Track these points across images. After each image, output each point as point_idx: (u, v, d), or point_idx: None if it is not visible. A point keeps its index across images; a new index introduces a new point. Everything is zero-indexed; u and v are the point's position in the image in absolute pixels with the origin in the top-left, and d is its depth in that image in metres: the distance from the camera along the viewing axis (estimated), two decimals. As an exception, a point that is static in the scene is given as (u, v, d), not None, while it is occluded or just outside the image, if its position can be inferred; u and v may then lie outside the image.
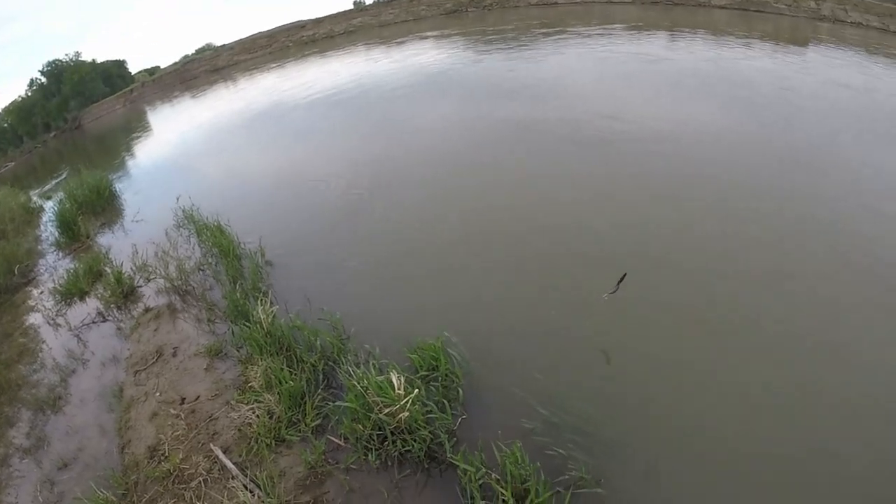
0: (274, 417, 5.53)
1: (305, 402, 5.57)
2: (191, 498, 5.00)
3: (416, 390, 4.86)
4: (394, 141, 13.70)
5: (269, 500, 4.64)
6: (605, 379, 5.57)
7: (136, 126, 32.30)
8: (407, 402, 4.72)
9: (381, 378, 4.99)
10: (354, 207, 10.24)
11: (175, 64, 54.81)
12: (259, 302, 6.88)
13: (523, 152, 11.27)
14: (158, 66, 59.90)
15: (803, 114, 12.08)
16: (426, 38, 30.14)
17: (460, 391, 5.37)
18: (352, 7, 46.44)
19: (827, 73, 16.04)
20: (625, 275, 5.81)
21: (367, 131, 15.22)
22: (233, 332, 6.98)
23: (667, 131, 11.32)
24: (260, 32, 50.20)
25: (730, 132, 11.18)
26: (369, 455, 4.92)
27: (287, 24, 48.29)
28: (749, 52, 19.04)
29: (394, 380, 4.87)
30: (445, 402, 5.11)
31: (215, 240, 9.18)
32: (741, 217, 7.98)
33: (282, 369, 5.82)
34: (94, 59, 51.07)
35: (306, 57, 31.84)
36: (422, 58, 24.47)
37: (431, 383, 5.38)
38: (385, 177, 11.39)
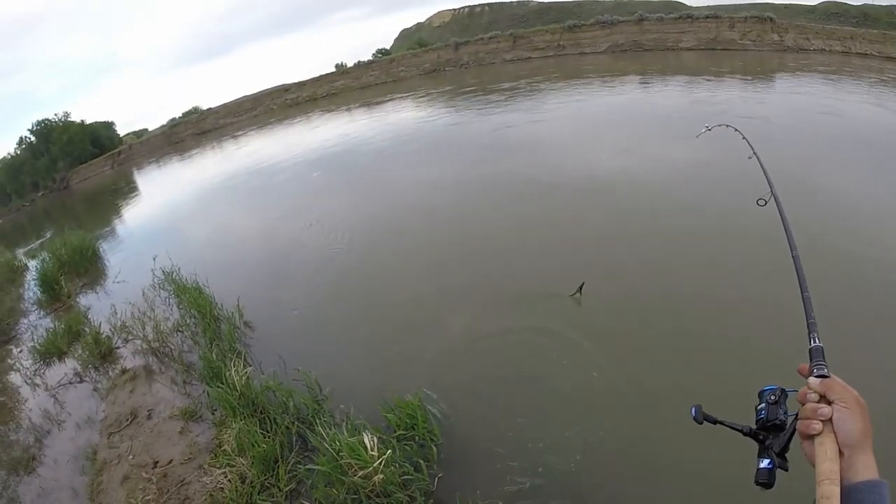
0: (246, 482, 5.35)
1: (279, 466, 5.41)
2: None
3: (389, 451, 4.74)
4: (375, 199, 13.94)
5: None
6: (592, 431, 5.45)
7: (123, 187, 32.57)
8: (380, 463, 4.60)
9: (353, 439, 4.87)
10: (333, 265, 10.37)
11: (162, 126, 55.79)
12: (233, 363, 6.78)
13: (500, 205, 11.57)
14: (146, 129, 60.92)
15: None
16: (405, 97, 30.92)
17: (435, 449, 5.24)
18: (334, 70, 47.56)
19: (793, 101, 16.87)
20: (582, 283, 7.11)
21: (348, 190, 15.54)
22: (208, 394, 6.86)
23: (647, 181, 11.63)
24: (245, 96, 51.58)
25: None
26: (346, 522, 4.76)
27: (271, 88, 49.54)
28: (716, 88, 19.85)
29: (366, 441, 4.76)
30: (421, 461, 4.99)
31: (193, 301, 9.13)
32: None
33: (255, 432, 5.68)
34: (82, 120, 51.81)
35: (290, 119, 32.52)
36: (401, 115, 25.10)
37: (407, 443, 5.27)
38: (364, 235, 11.56)
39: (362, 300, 8.86)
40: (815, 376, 1.36)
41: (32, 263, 17.07)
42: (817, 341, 1.52)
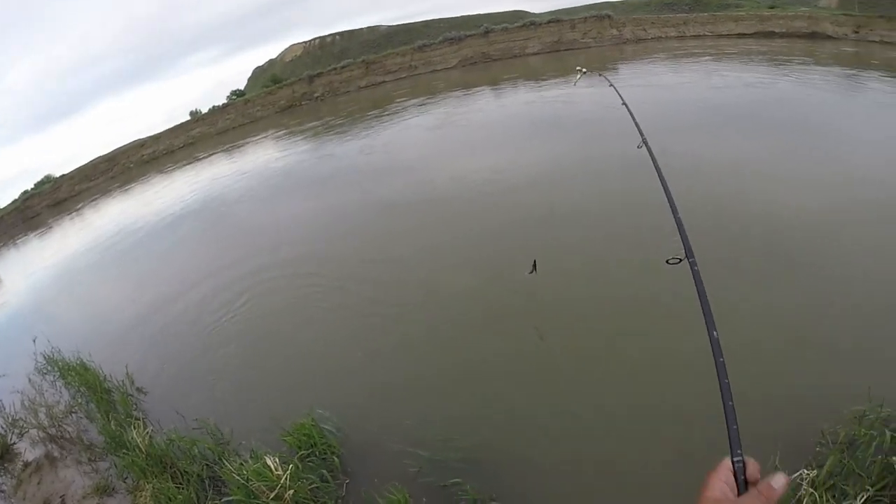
0: (173, 538, 5.68)
1: (198, 513, 5.78)
2: None
3: (291, 466, 5.30)
4: (244, 246, 14.20)
5: None
6: (476, 408, 6.42)
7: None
8: (286, 480, 5.14)
9: (258, 465, 5.38)
10: (208, 314, 10.73)
11: (14, 202, 51.13)
12: (133, 427, 6.98)
13: (369, 227, 12.68)
14: (-5, 207, 55.67)
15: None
16: (265, 138, 30.75)
17: (336, 459, 5.87)
18: (188, 118, 46.14)
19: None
20: (535, 261, 7.47)
21: (212, 243, 15.64)
22: (115, 465, 6.97)
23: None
24: (99, 156, 48.19)
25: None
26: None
27: (126, 145, 46.79)
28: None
29: (270, 463, 5.28)
30: (326, 472, 5.60)
31: (81, 378, 9.01)
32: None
33: (168, 487, 5.93)
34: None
35: (149, 177, 31.13)
36: (263, 158, 25.05)
37: (310, 459, 5.83)
38: (240, 279, 11.92)
39: (245, 342, 9.37)
40: None
41: None
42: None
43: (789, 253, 8.25)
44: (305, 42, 62.07)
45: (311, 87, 42.37)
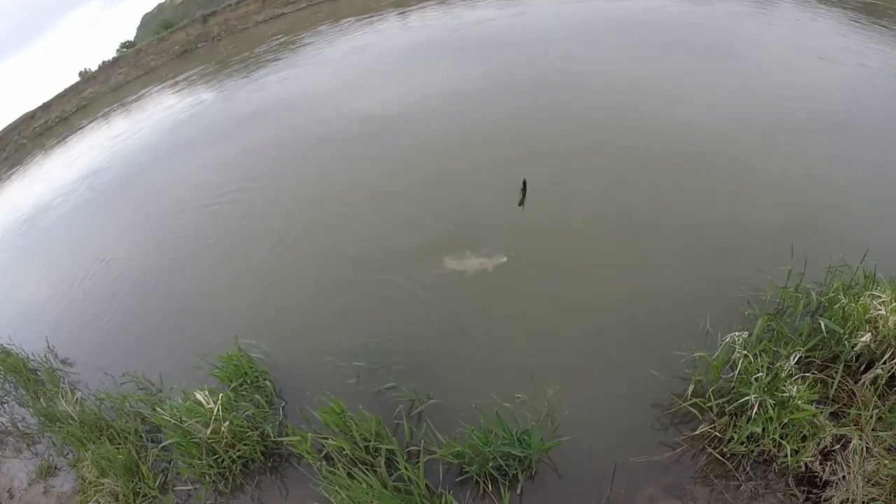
0: (120, 498, 5.41)
1: (141, 467, 5.51)
2: None
3: (221, 394, 4.99)
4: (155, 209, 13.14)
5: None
6: (404, 314, 6.40)
7: None
8: (218, 411, 4.83)
9: (188, 403, 5.06)
10: (115, 271, 10.42)
11: None
12: (62, 396, 6.57)
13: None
14: None
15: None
16: (163, 88, 28.47)
17: (270, 384, 5.74)
18: (78, 79, 42.28)
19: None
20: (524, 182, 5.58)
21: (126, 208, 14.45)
22: (53, 442, 6.67)
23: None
24: (-14, 138, 43.80)
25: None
26: (218, 484, 5.03)
27: (14, 121, 42.51)
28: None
29: (200, 398, 4.98)
30: (260, 398, 5.34)
31: (5, 365, 8.45)
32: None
33: (107, 449, 5.67)
34: None
35: (47, 150, 28.43)
36: (167, 111, 22.98)
37: (243, 389, 5.59)
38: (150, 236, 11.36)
39: (158, 285, 9.18)
40: None
41: None
42: None
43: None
44: (195, -20, 57.27)
45: (205, 28, 39.14)
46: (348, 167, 10.54)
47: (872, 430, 4.15)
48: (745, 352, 4.54)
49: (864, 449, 4.05)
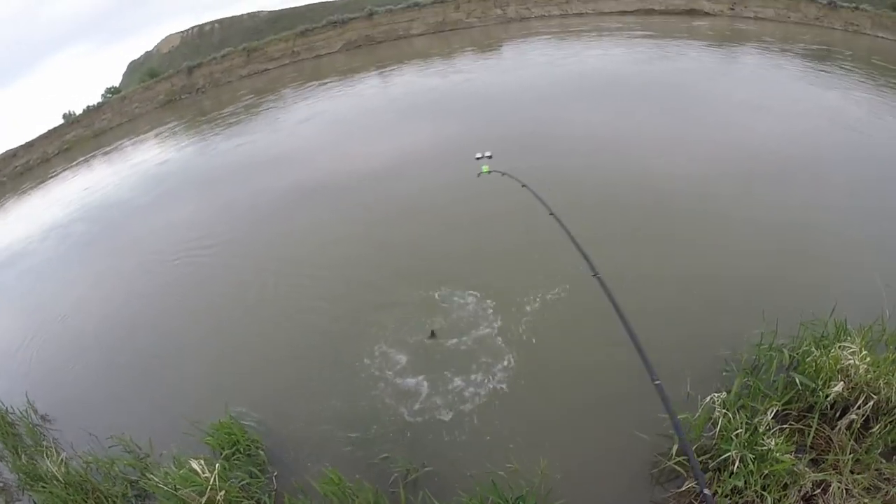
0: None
1: (129, 533, 5.46)
2: None
3: (217, 464, 5.03)
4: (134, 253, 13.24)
5: None
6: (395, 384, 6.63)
7: None
8: (214, 481, 4.87)
9: (183, 471, 5.08)
10: (107, 329, 10.03)
11: None
12: (46, 457, 6.48)
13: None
14: None
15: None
16: (146, 138, 28.53)
17: (262, 453, 5.79)
18: (62, 122, 42.19)
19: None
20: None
21: (99, 260, 14.13)
22: (34, 501, 6.40)
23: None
24: (-35, 177, 43.07)
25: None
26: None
27: (-3, 158, 42.00)
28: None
29: (195, 466, 5.00)
30: (253, 468, 5.49)
31: (-21, 420, 8.27)
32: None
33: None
34: None
35: (25, 192, 28.06)
36: (146, 163, 22.92)
37: (236, 457, 5.65)
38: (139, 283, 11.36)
39: (142, 345, 8.99)
40: None
41: None
42: None
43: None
44: (183, 31, 57.69)
45: (190, 80, 39.51)
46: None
47: (851, 472, 4.38)
48: (725, 410, 4.79)
49: (844, 491, 4.28)
